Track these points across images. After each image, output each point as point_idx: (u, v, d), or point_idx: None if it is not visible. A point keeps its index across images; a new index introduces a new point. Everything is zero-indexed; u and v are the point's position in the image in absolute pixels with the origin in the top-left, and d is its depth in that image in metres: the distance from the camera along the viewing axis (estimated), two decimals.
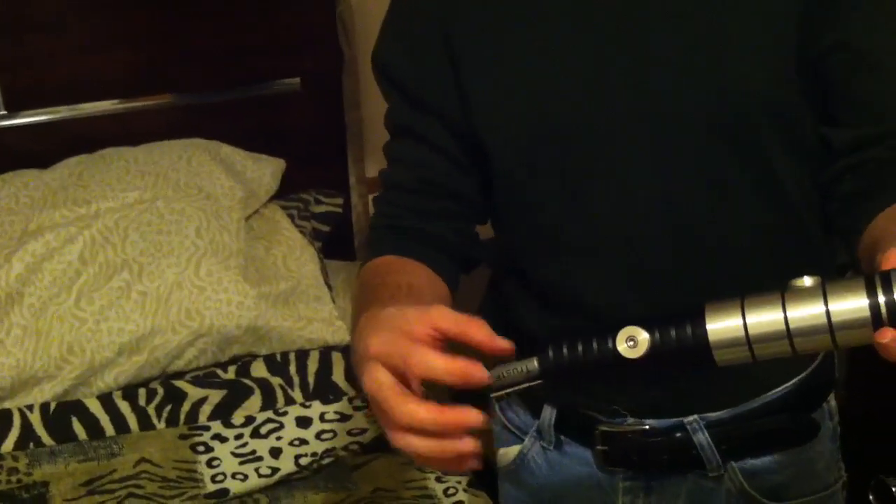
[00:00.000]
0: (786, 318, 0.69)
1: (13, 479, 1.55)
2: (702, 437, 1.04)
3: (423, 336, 0.74)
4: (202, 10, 2.01)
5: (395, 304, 0.82)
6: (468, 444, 0.72)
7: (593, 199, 0.99)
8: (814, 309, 0.68)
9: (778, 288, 0.70)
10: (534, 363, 0.74)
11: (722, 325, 0.70)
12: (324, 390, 1.70)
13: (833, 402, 1.12)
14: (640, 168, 0.96)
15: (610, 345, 0.72)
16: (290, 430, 1.64)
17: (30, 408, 1.65)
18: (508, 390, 0.74)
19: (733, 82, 0.93)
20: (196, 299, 1.71)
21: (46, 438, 1.62)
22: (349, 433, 1.63)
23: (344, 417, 1.66)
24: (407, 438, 0.73)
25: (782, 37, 0.93)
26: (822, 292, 0.68)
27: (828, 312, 0.68)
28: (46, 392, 1.66)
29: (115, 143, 1.96)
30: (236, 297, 1.72)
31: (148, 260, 1.73)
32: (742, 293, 0.71)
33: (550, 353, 0.74)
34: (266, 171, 1.98)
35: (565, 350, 0.73)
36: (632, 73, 0.94)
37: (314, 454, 1.60)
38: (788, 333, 0.69)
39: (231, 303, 1.72)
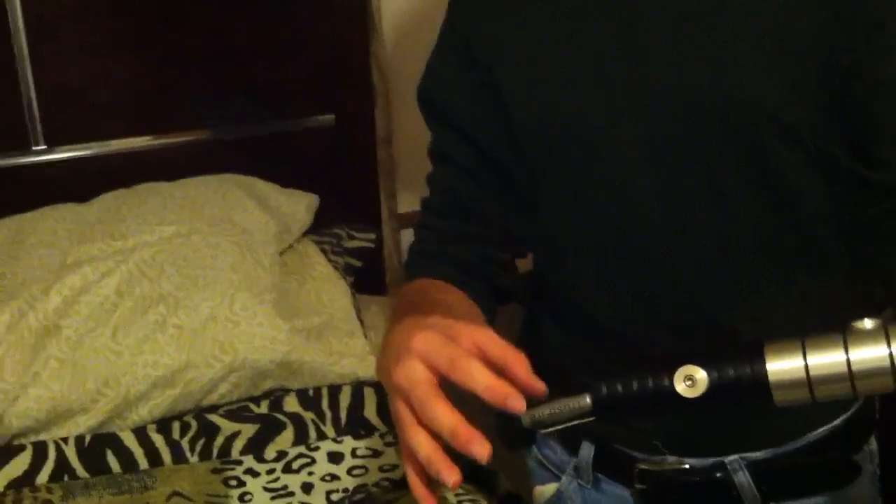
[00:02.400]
0: (848, 360, 0.69)
1: None
2: (742, 478, 1.04)
3: (467, 350, 0.74)
4: (237, 45, 2.04)
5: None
6: (450, 476, 0.71)
7: (595, 203, 1.00)
8: (877, 351, 0.69)
9: (837, 328, 0.71)
10: (586, 399, 0.73)
11: (782, 366, 0.71)
12: (356, 426, 1.70)
13: (874, 445, 1.11)
14: (644, 171, 0.97)
15: (667, 383, 0.72)
16: (322, 466, 1.64)
17: (65, 440, 1.66)
18: (558, 427, 0.74)
19: (735, 90, 0.93)
20: (230, 333, 1.72)
21: (81, 471, 1.63)
22: (381, 469, 1.63)
23: (376, 453, 1.66)
24: (420, 436, 0.73)
25: (795, 51, 0.92)
26: (885, 335, 0.69)
27: (891, 355, 0.68)
28: (81, 424, 1.67)
29: (151, 178, 1.98)
30: (270, 332, 1.73)
31: (183, 294, 1.75)
32: (801, 334, 0.71)
33: (604, 390, 0.73)
34: (300, 206, 2.00)
35: (619, 387, 0.73)
36: (636, 77, 0.96)
37: (345, 490, 1.60)
38: (850, 375, 0.69)
39: (265, 337, 1.73)
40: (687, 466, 1.05)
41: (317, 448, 1.67)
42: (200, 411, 1.72)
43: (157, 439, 1.67)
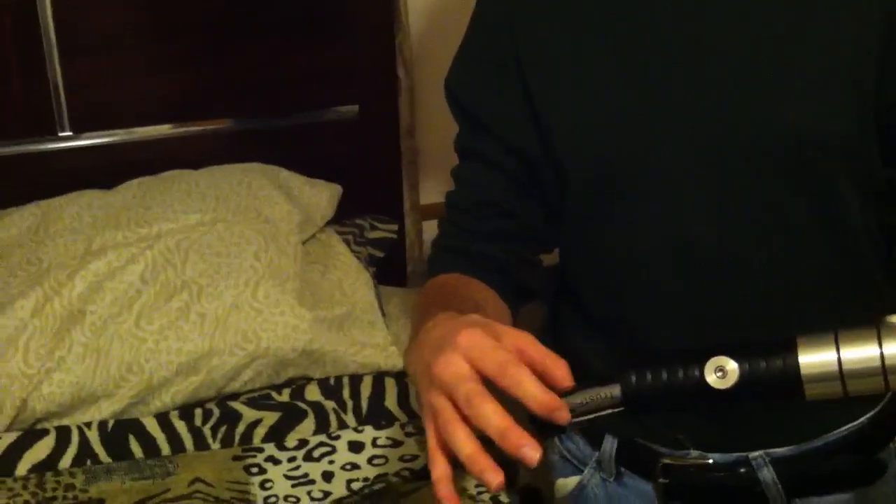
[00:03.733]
0: (882, 354, 0.69)
1: (69, 495, 1.57)
2: (766, 474, 1.04)
3: (508, 352, 0.73)
4: (262, 35, 2.04)
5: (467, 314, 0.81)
6: (495, 477, 0.70)
7: (647, 225, 0.99)
8: None
9: (871, 323, 0.70)
10: (616, 389, 0.72)
11: (815, 359, 0.70)
12: (377, 415, 1.71)
13: None
14: (696, 186, 0.97)
15: (697, 373, 0.71)
16: (343, 455, 1.65)
17: (88, 425, 1.67)
18: (589, 416, 0.73)
19: (791, 111, 0.93)
20: (253, 321, 1.73)
21: (103, 455, 1.64)
22: (401, 459, 1.64)
23: (396, 443, 1.66)
24: (462, 433, 0.71)
25: (842, 67, 0.93)
26: None
27: None
28: (104, 410, 1.68)
29: (175, 166, 1.99)
30: (292, 321, 1.74)
31: (207, 281, 1.76)
32: (834, 327, 0.71)
33: (633, 379, 0.72)
34: (323, 196, 2.00)
35: (649, 377, 0.72)
36: (681, 101, 0.95)
37: (366, 479, 1.60)
38: (884, 370, 0.69)
39: (287, 326, 1.73)
40: (710, 462, 1.04)
41: (338, 437, 1.68)
42: (223, 398, 1.73)
43: (180, 426, 1.68)
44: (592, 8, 0.99)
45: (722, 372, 0.70)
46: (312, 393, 1.74)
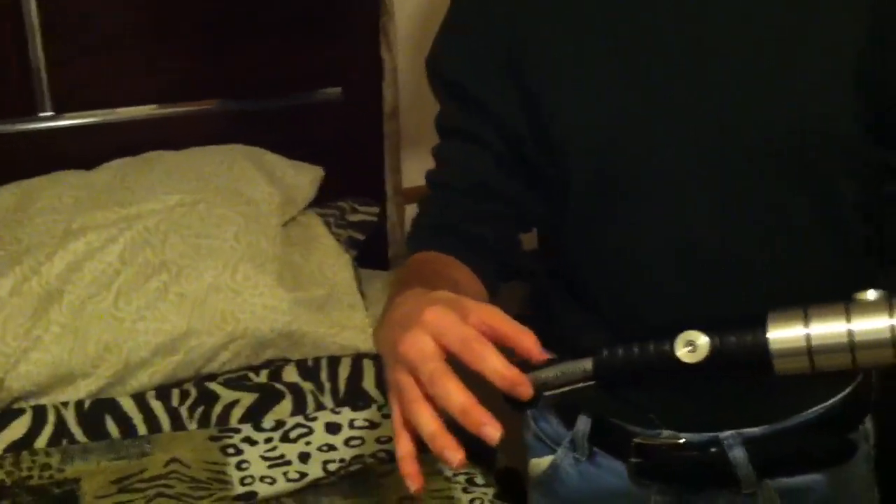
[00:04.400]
0: (850, 330, 0.69)
1: (45, 474, 1.57)
2: (738, 454, 1.04)
3: (475, 327, 0.73)
4: (245, 18, 2.03)
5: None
6: (455, 455, 0.70)
7: (650, 226, 0.99)
8: (879, 322, 0.68)
9: (841, 300, 0.70)
10: (588, 363, 0.73)
11: (784, 334, 0.70)
12: (354, 397, 1.71)
13: (869, 425, 1.11)
14: (699, 188, 0.97)
15: (668, 348, 0.71)
16: (320, 436, 1.65)
17: (65, 405, 1.67)
18: (562, 390, 0.73)
19: (795, 112, 0.93)
20: (232, 302, 1.73)
21: (80, 435, 1.64)
22: (378, 441, 1.64)
23: (373, 425, 1.67)
24: (425, 412, 0.71)
25: (845, 68, 0.93)
26: (889, 306, 0.68)
27: (893, 327, 0.68)
28: (81, 389, 1.68)
29: (158, 148, 1.98)
30: (271, 302, 1.74)
31: (186, 262, 1.75)
32: (805, 303, 0.71)
33: (605, 354, 0.72)
34: (305, 178, 2.00)
35: (621, 351, 0.72)
36: (684, 101, 0.95)
37: (342, 460, 1.61)
38: (852, 346, 0.69)
39: (266, 307, 1.73)
40: (682, 441, 1.05)
41: (315, 418, 1.68)
42: (200, 379, 1.73)
43: (157, 406, 1.68)
44: (595, 9, 0.97)
45: (692, 346, 0.71)
46: (290, 374, 1.74)
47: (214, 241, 1.79)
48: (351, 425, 1.66)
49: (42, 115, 1.97)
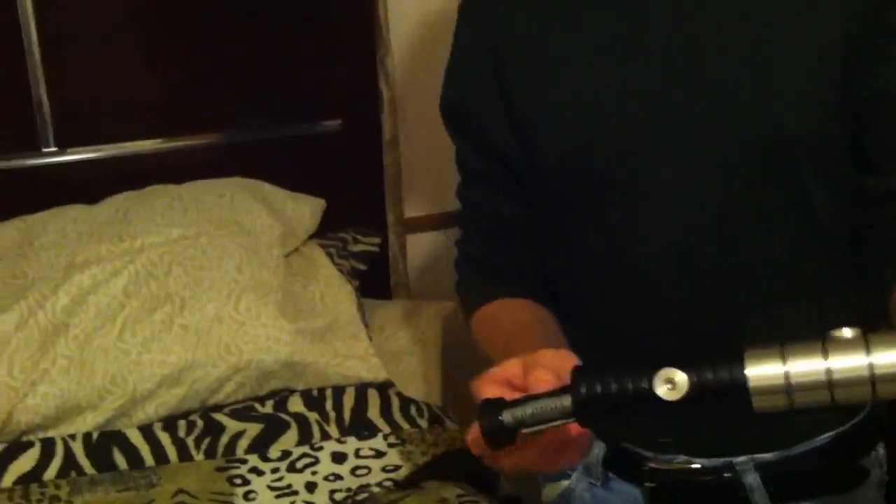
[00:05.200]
0: (828, 368, 0.69)
1: None
2: (751, 479, 1.04)
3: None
4: (246, 49, 2.06)
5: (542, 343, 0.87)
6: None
7: (646, 227, 1.00)
8: (856, 360, 0.69)
9: (817, 337, 0.71)
10: (566, 400, 0.73)
11: (762, 371, 0.70)
12: (359, 426, 1.72)
13: (882, 451, 1.12)
14: (680, 191, 0.98)
15: (646, 385, 0.71)
16: (326, 465, 1.66)
17: (72, 437, 1.68)
18: (541, 427, 0.73)
19: (777, 116, 0.95)
20: (235, 334, 1.74)
21: (88, 467, 1.65)
22: (384, 469, 1.65)
23: (379, 454, 1.68)
24: None
25: (828, 75, 0.95)
26: (865, 344, 0.69)
27: (871, 365, 0.68)
28: (89, 421, 1.69)
29: (160, 180, 2.00)
30: (274, 332, 1.75)
31: (190, 294, 1.77)
32: (781, 340, 0.71)
33: (583, 390, 0.73)
34: (306, 209, 2.02)
35: (599, 387, 0.72)
36: (681, 100, 0.96)
37: (349, 490, 1.61)
38: (829, 383, 0.69)
39: (269, 338, 1.75)
40: (697, 466, 1.05)
41: (320, 448, 1.69)
42: (206, 410, 1.74)
43: (163, 437, 1.69)
44: (589, 11, 0.99)
45: (671, 384, 0.71)
46: (295, 404, 1.75)
47: (216, 273, 1.81)
48: (357, 454, 1.67)
49: (45, 150, 1.99)
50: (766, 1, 0.96)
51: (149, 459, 1.66)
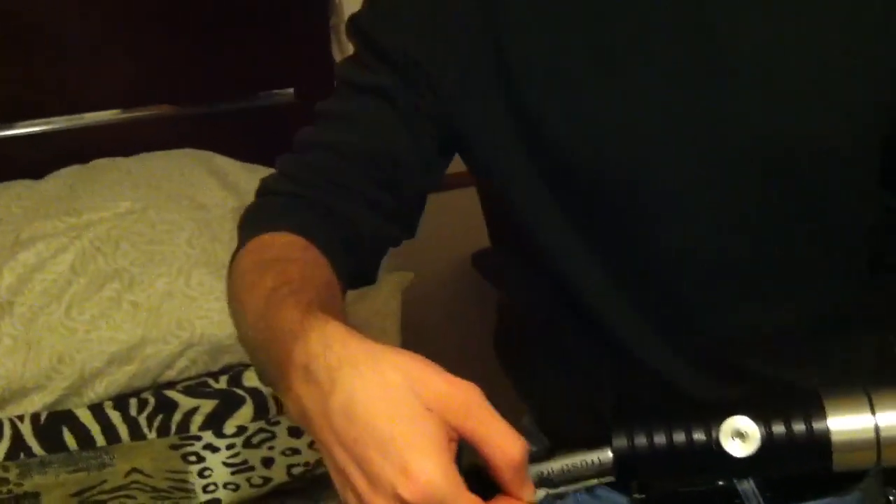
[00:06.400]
0: None
1: (3, 489, 1.54)
2: (746, 485, 1.01)
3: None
4: (198, 21, 2.01)
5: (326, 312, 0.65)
6: None
7: (650, 230, 0.94)
8: None
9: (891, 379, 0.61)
10: (606, 454, 0.60)
11: (847, 423, 0.59)
12: None
13: None
14: (701, 202, 0.92)
15: (711, 438, 0.59)
16: (283, 440, 1.63)
17: (20, 418, 1.64)
18: (572, 487, 0.61)
19: (809, 142, 0.89)
20: (187, 309, 1.70)
21: (37, 448, 1.61)
22: None
23: None
24: None
25: (862, 88, 0.89)
26: None
27: None
28: (37, 402, 1.65)
29: (112, 154, 1.96)
30: (227, 307, 1.71)
31: (139, 270, 1.73)
32: (864, 384, 0.61)
33: (627, 442, 0.60)
34: (259, 181, 1.97)
35: (645, 440, 0.60)
36: (705, 120, 0.90)
37: (307, 464, 1.59)
38: None
39: (222, 312, 1.71)
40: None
41: (277, 422, 1.66)
42: (158, 387, 1.70)
43: (114, 416, 1.65)
44: (590, 13, 0.90)
45: (741, 437, 0.59)
46: (250, 379, 1.72)
47: (167, 248, 1.76)
48: None
49: None
50: (780, 9, 0.89)
51: (100, 439, 1.62)
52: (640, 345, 0.97)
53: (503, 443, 0.57)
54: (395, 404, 0.56)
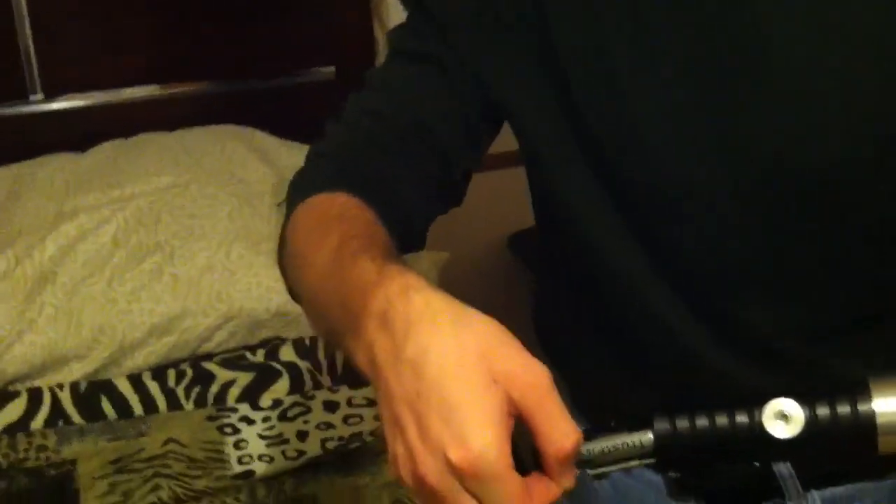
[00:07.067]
0: None
1: (42, 456, 1.56)
2: (782, 467, 1.00)
3: None
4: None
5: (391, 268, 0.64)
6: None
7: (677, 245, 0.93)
8: None
9: None
10: (647, 436, 0.60)
11: (894, 405, 0.59)
12: (351, 375, 1.70)
13: None
14: (730, 221, 0.91)
15: (754, 420, 0.59)
16: (318, 414, 1.64)
17: (60, 386, 1.66)
18: (612, 468, 0.61)
19: (833, 165, 0.86)
20: (227, 282, 1.72)
21: (76, 417, 1.63)
22: (376, 418, 1.63)
23: (371, 402, 1.65)
24: None
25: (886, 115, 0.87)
26: None
27: None
28: (77, 371, 1.67)
29: (151, 129, 1.97)
30: (266, 282, 1.73)
31: (180, 243, 1.74)
32: None
33: (668, 425, 0.60)
34: (299, 158, 1.96)
35: (687, 423, 0.59)
36: (733, 135, 0.87)
37: (341, 438, 1.60)
38: None
39: (261, 286, 1.72)
40: None
41: (312, 397, 1.67)
42: (196, 359, 1.72)
43: (153, 386, 1.67)
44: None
45: (784, 418, 0.58)
46: (287, 353, 1.73)
47: (208, 222, 1.78)
48: (349, 403, 1.65)
49: (32, 98, 1.96)
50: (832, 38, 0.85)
51: (138, 409, 1.64)
52: (682, 334, 0.96)
53: (559, 434, 0.57)
54: (465, 369, 0.56)
